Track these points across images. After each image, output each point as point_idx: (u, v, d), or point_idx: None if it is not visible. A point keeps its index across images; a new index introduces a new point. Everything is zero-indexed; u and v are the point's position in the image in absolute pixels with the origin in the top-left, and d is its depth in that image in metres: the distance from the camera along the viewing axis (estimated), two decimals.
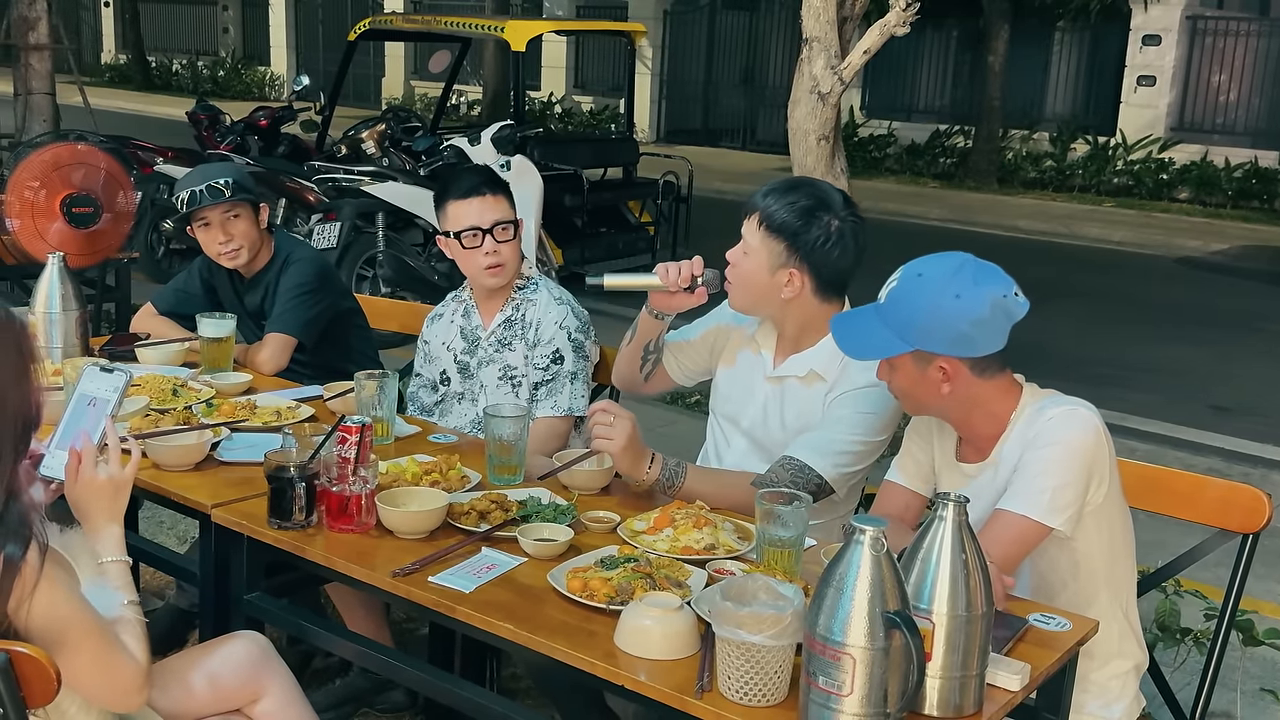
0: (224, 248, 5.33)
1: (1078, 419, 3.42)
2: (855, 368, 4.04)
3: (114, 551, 3.18)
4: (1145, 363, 11.36)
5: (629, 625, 2.95)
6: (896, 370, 3.52)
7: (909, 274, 3.48)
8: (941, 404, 3.54)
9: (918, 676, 2.57)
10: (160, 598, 5.54)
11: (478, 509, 3.63)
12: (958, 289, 3.37)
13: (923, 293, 3.42)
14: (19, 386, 2.75)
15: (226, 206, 5.30)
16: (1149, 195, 22.15)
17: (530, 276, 4.90)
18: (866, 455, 4.08)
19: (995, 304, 3.38)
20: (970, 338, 3.39)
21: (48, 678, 2.68)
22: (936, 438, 3.76)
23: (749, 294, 4.13)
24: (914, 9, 7.63)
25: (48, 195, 7.41)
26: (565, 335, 4.75)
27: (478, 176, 4.88)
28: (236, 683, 3.44)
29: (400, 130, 13.41)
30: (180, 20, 40.74)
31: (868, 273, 3.96)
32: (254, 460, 3.90)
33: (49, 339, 4.94)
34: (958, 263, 3.44)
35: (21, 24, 13.24)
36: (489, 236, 4.71)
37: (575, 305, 4.84)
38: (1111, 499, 3.48)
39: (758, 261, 4.05)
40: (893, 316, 3.45)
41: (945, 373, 3.43)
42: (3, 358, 2.72)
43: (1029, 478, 3.38)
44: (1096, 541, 3.50)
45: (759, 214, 4.05)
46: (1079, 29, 24.32)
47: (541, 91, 30.15)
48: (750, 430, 4.29)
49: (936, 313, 3.38)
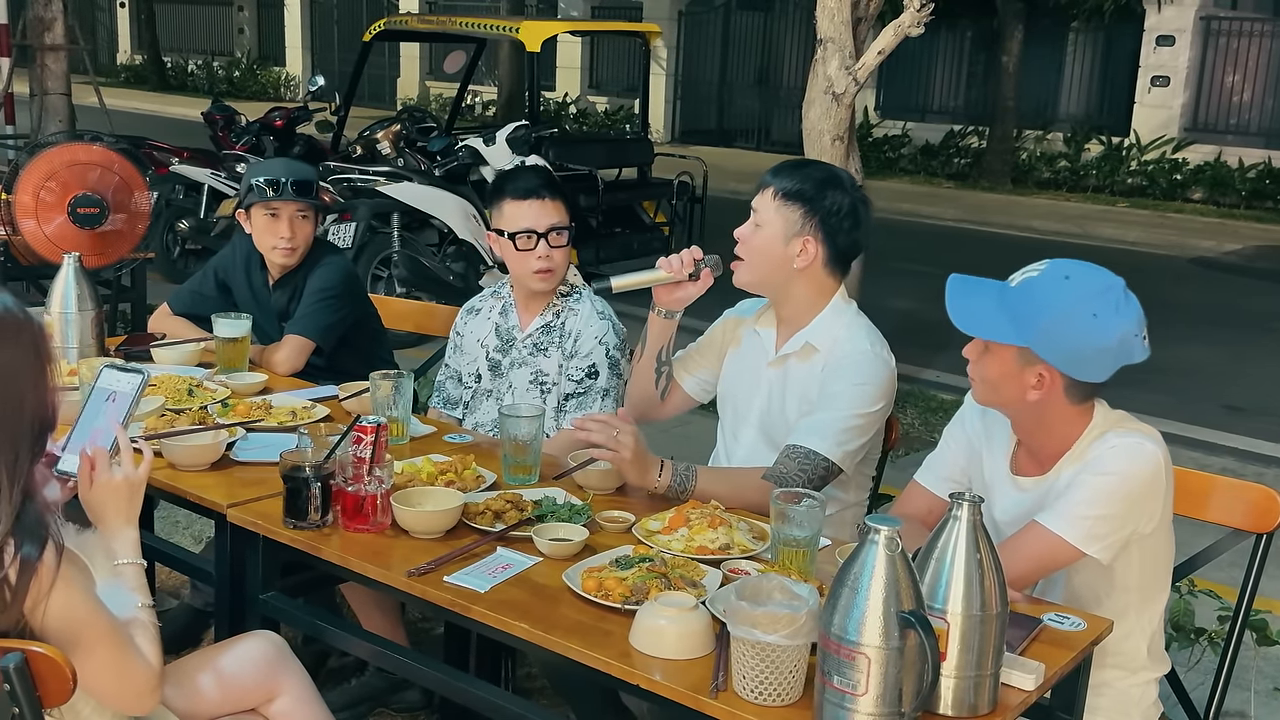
0: (284, 244, 5.33)
1: (1141, 454, 3.35)
2: (846, 335, 4.08)
3: (130, 554, 3.18)
4: (1159, 363, 11.23)
5: (644, 625, 2.96)
6: (990, 356, 3.42)
7: (1055, 272, 3.38)
8: (1020, 407, 3.46)
9: (932, 676, 2.57)
10: (175, 597, 5.56)
11: (493, 509, 3.64)
12: (1097, 309, 3.31)
13: (1062, 296, 3.33)
14: (36, 387, 2.76)
15: (301, 205, 5.33)
16: (1163, 195, 22.12)
17: (575, 285, 4.91)
18: (868, 428, 4.09)
19: (1123, 340, 3.32)
20: (1086, 360, 3.33)
21: (63, 677, 2.69)
22: (987, 448, 3.71)
23: (760, 266, 4.14)
24: (928, 9, 7.62)
25: (57, 196, 7.42)
26: (603, 351, 4.76)
27: (537, 178, 4.87)
28: (252, 682, 3.45)
29: (415, 131, 13.41)
30: (195, 21, 40.77)
31: (881, 272, 3.97)
32: (269, 460, 3.90)
33: (65, 339, 4.95)
34: (1107, 283, 3.36)
35: (37, 24, 13.24)
36: (543, 241, 4.71)
37: (616, 322, 4.84)
38: (1161, 529, 3.44)
39: (772, 231, 4.08)
40: (1018, 305, 3.35)
41: (1042, 381, 3.35)
42: (20, 358, 2.72)
43: (1075, 500, 3.33)
44: (1139, 567, 3.47)
45: (772, 187, 4.09)
46: (1093, 29, 24.29)
47: (556, 92, 30.16)
48: (759, 420, 4.30)
49: (1067, 322, 3.30)
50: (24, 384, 2.72)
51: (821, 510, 3.37)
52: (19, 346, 2.73)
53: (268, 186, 5.28)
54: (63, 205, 7.43)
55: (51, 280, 5.07)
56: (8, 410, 2.70)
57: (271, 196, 5.28)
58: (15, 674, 2.64)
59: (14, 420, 2.71)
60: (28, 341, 2.75)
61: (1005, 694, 2.79)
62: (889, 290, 3.58)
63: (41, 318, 2.81)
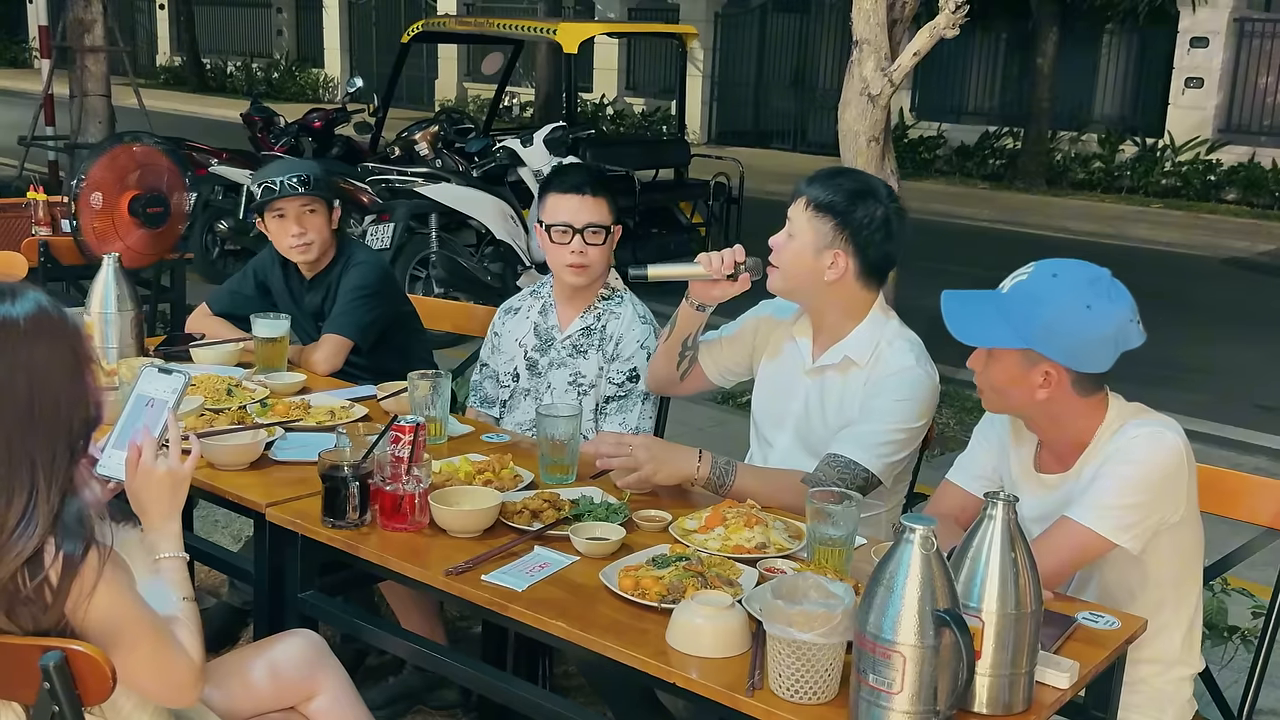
0: (297, 240, 5.35)
1: (1162, 442, 3.37)
2: (889, 352, 4.10)
3: (171, 547, 3.21)
4: (1192, 362, 11.30)
5: (681, 623, 2.97)
6: (995, 363, 3.45)
7: (1042, 272, 3.41)
8: (1031, 409, 3.49)
9: (967, 674, 2.58)
10: (214, 595, 5.58)
11: (530, 508, 3.66)
12: (1090, 300, 3.33)
13: (1054, 294, 3.36)
14: (73, 387, 2.76)
15: (305, 200, 5.34)
16: (1196, 196, 22.03)
17: (617, 289, 4.93)
18: (909, 443, 4.10)
19: (1120, 325, 3.35)
20: (1087, 352, 3.35)
21: (103, 675, 2.70)
22: (1013, 446, 3.72)
23: (792, 276, 4.15)
24: (963, 12, 7.62)
25: (118, 196, 7.47)
26: (645, 355, 4.78)
27: (583, 175, 4.91)
28: (291, 680, 3.47)
29: (453, 132, 13.42)
30: (235, 23, 40.90)
31: (916, 272, 3.98)
32: (308, 460, 3.92)
33: (104, 339, 4.98)
34: (1094, 274, 3.39)
35: (77, 26, 13.32)
36: (579, 236, 4.74)
37: (657, 326, 4.86)
38: (1188, 519, 3.45)
39: (803, 241, 4.09)
40: (1014, 310, 3.38)
41: (1048, 379, 3.38)
42: (56, 359, 2.73)
43: (1101, 492, 3.35)
44: (1169, 558, 3.47)
45: (805, 197, 4.10)
46: (1127, 31, 24.20)
47: (593, 93, 30.17)
48: (795, 427, 4.31)
49: (1063, 318, 3.33)
50: (60, 383, 2.73)
51: (858, 509, 3.38)
52: (54, 345, 2.73)
53: (268, 188, 5.32)
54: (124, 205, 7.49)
55: (91, 280, 5.10)
56: (44, 410, 2.70)
57: (273, 197, 5.31)
58: (55, 672, 2.65)
59: (50, 420, 2.71)
60: (63, 341, 2.76)
61: (1040, 692, 2.80)
62: (924, 290, 3.60)
63: (79, 318, 2.81)
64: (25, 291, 2.75)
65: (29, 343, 2.69)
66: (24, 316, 2.70)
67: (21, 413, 2.67)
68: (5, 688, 2.79)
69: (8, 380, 2.66)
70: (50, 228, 8.40)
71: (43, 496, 2.67)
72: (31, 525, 2.64)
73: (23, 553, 2.63)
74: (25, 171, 14.43)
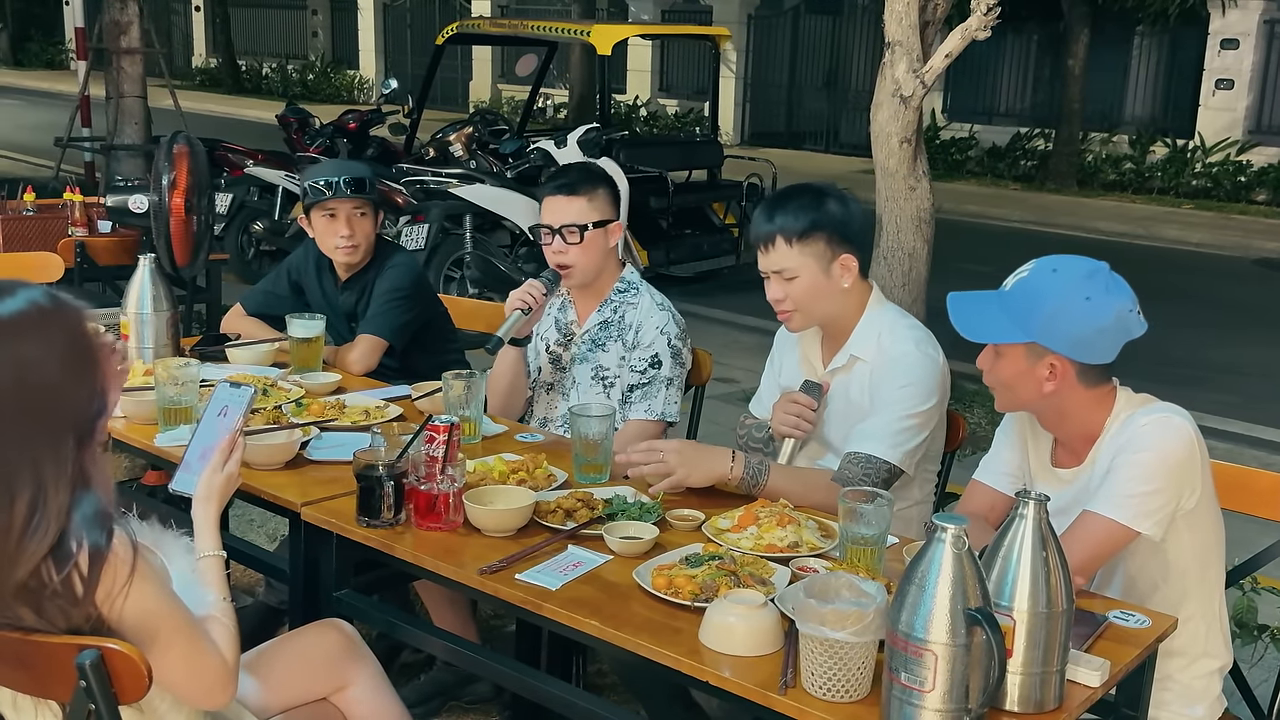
0: (344, 242, 5.38)
1: (1170, 427, 3.41)
2: (889, 340, 4.14)
3: (212, 545, 3.27)
4: (1223, 363, 11.29)
5: (713, 622, 2.98)
6: (1002, 359, 3.51)
7: (1042, 268, 3.48)
8: (1039, 402, 3.53)
9: (999, 672, 2.59)
10: (250, 595, 5.60)
11: (564, 507, 3.68)
12: (1089, 292, 3.39)
13: (1054, 288, 3.42)
14: (73, 380, 2.73)
15: (357, 203, 5.37)
16: (1227, 197, 21.97)
17: (632, 281, 4.95)
18: (923, 427, 4.12)
19: (1120, 316, 3.40)
20: (1089, 343, 3.40)
21: (139, 674, 2.71)
22: (1031, 441, 3.75)
23: (815, 308, 4.21)
24: (995, 13, 7.63)
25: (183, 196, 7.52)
26: (665, 341, 4.79)
27: (570, 175, 4.92)
28: (323, 670, 3.49)
29: (487, 133, 13.48)
30: (270, 24, 41.01)
31: (949, 273, 3.99)
32: (343, 459, 3.94)
33: (140, 339, 4.99)
34: (1092, 267, 3.45)
35: (113, 28, 13.37)
36: (558, 236, 4.77)
37: (675, 312, 4.89)
38: (1204, 504, 3.47)
39: (809, 273, 4.14)
40: (1016, 306, 3.45)
41: (1054, 371, 3.43)
42: (49, 353, 2.70)
43: (1118, 482, 3.38)
44: (1189, 545, 3.49)
45: (780, 236, 4.13)
46: (1158, 33, 24.15)
47: (627, 94, 30.16)
48: (817, 436, 4.32)
49: (1064, 310, 3.39)
50: (56, 378, 2.70)
51: (890, 509, 3.39)
52: (47, 340, 2.69)
53: (323, 188, 5.34)
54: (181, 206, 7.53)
55: (127, 281, 5.13)
56: (39, 406, 2.68)
57: (326, 197, 5.33)
58: (91, 670, 2.66)
59: (48, 415, 2.69)
60: (60, 334, 2.72)
61: (1071, 690, 2.81)
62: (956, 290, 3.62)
63: (80, 306, 2.79)
64: (16, 289, 2.73)
65: (15, 339, 2.66)
66: (9, 315, 2.67)
67: (12, 410, 2.66)
68: (41, 686, 2.81)
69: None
70: (86, 228, 8.44)
71: (51, 492, 2.65)
72: (43, 522, 2.64)
73: (37, 550, 2.63)
74: (61, 173, 14.53)
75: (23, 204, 8.56)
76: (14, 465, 2.65)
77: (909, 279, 8.19)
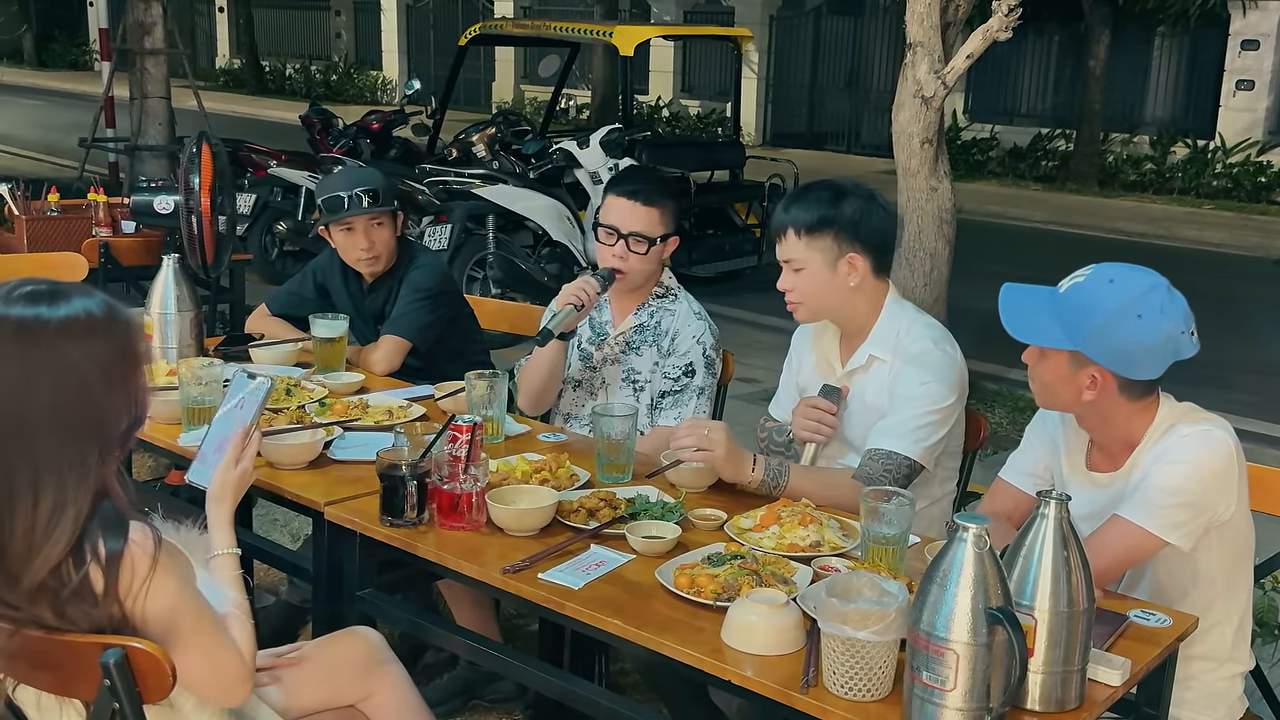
0: (365, 254, 5.39)
1: (1211, 440, 3.38)
2: (908, 339, 4.15)
3: (226, 542, 3.29)
4: (1244, 363, 11.25)
5: (735, 621, 3.00)
6: (1046, 360, 3.47)
7: (1100, 276, 3.41)
8: (1079, 408, 3.52)
9: (1020, 672, 2.59)
10: (274, 594, 5.62)
11: (587, 507, 3.68)
12: (1142, 309, 3.34)
13: (1107, 300, 3.36)
14: (113, 391, 2.72)
15: (373, 215, 5.37)
16: (1247, 198, 21.96)
17: (671, 288, 4.96)
18: (943, 423, 4.13)
19: (1170, 337, 3.35)
20: (1134, 360, 3.36)
21: (163, 673, 2.71)
22: (1064, 445, 3.73)
23: (818, 302, 4.23)
24: (1016, 14, 7.63)
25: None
26: (700, 350, 4.80)
27: (641, 182, 4.95)
28: (350, 679, 3.49)
29: (510, 134, 13.47)
30: (293, 25, 41.05)
31: (969, 273, 4.00)
32: (366, 459, 3.95)
33: (164, 339, 5.01)
34: (1151, 283, 3.39)
35: (137, 29, 13.41)
36: (623, 242, 4.78)
37: (712, 322, 4.90)
38: (1239, 515, 3.45)
39: (814, 267, 4.16)
40: (1067, 310, 3.40)
41: (1094, 381, 3.39)
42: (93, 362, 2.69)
43: (1151, 490, 3.36)
44: (1220, 555, 3.48)
45: (790, 228, 4.16)
46: (1178, 34, 24.12)
47: (649, 95, 30.17)
48: (838, 437, 4.33)
49: (1112, 324, 3.33)
50: (96, 387, 2.68)
51: (911, 508, 3.40)
52: (91, 349, 2.68)
53: (336, 204, 5.34)
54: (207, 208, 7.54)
55: (151, 281, 5.14)
56: (77, 413, 2.67)
57: (342, 214, 5.33)
58: (115, 669, 2.66)
59: (83, 423, 2.68)
60: (107, 344, 2.71)
61: (1092, 689, 2.82)
62: (977, 291, 3.62)
63: (132, 318, 2.77)
64: (74, 294, 2.71)
65: (57, 346, 2.64)
66: (59, 319, 2.65)
67: (47, 413, 2.64)
68: (65, 685, 2.82)
69: (24, 383, 2.63)
70: (111, 228, 8.45)
71: (70, 498, 2.64)
72: (63, 524, 2.63)
73: (54, 553, 2.62)
74: (86, 173, 14.55)
75: (47, 204, 8.57)
76: (42, 466, 2.64)
77: (930, 279, 8.17)
